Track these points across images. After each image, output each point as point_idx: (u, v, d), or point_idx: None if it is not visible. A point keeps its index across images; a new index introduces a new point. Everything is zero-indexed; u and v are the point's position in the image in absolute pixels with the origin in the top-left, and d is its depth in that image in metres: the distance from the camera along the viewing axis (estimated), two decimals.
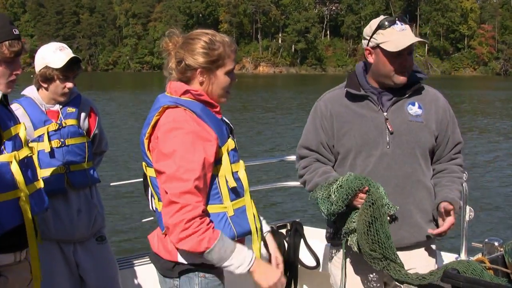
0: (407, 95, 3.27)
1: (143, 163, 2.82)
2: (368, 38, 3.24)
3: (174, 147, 2.59)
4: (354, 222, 3.11)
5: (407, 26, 3.20)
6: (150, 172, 2.77)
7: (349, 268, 3.34)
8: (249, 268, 2.65)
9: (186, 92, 2.72)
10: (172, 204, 2.57)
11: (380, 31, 3.18)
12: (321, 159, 3.39)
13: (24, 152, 2.83)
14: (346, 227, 3.16)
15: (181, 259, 2.70)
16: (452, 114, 3.40)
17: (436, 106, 3.32)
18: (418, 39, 3.20)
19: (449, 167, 3.37)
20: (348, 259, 3.33)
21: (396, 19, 3.20)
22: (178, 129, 2.61)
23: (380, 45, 3.18)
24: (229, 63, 2.76)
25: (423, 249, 3.34)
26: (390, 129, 3.21)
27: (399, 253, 3.22)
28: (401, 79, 3.21)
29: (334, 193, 3.07)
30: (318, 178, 3.30)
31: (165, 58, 2.83)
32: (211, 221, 2.62)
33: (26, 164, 2.85)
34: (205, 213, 2.62)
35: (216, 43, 2.73)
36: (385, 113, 3.24)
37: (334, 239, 3.37)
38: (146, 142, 2.73)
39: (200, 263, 2.68)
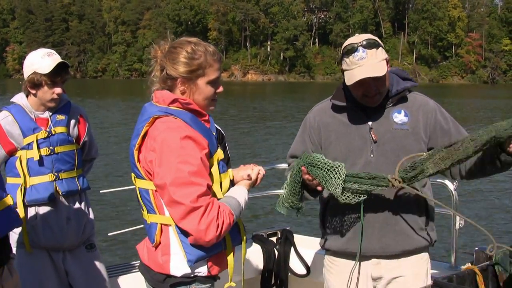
0: (391, 104, 3.25)
1: (132, 174, 2.74)
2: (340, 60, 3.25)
3: (176, 155, 2.52)
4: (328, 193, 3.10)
5: (371, 52, 3.07)
6: (139, 184, 2.70)
7: (337, 270, 3.38)
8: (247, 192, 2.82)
9: (174, 101, 2.66)
10: (195, 210, 2.50)
11: (344, 58, 3.16)
12: None
13: None
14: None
15: (173, 272, 2.65)
16: (446, 115, 3.29)
17: (424, 112, 3.26)
18: (371, 74, 3.04)
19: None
20: (336, 264, 3.38)
21: (360, 45, 3.09)
22: (174, 136, 2.55)
23: (343, 72, 3.20)
24: (211, 73, 2.70)
25: (413, 257, 3.31)
26: (374, 138, 3.21)
27: (385, 261, 3.25)
28: (370, 103, 3.20)
29: (285, 188, 3.14)
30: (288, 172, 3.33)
31: (153, 65, 2.77)
32: (217, 204, 2.61)
33: None
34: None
35: (197, 52, 2.67)
36: (369, 123, 3.24)
37: (324, 245, 3.40)
38: (136, 153, 2.66)
39: (193, 275, 2.66)
